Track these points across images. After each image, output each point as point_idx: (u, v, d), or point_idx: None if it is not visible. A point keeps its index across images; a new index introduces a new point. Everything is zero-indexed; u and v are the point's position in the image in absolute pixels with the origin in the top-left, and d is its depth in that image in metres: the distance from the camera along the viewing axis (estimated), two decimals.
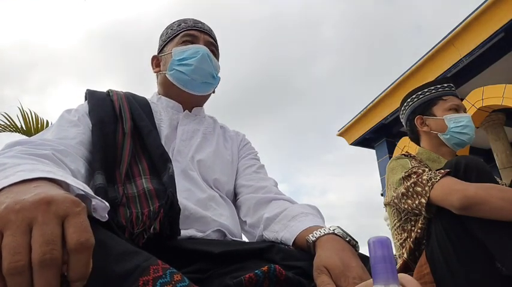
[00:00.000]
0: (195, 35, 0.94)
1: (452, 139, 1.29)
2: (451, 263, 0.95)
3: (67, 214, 0.35)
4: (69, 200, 0.36)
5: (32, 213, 0.34)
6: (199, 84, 0.90)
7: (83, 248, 0.34)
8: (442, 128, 1.30)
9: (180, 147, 0.83)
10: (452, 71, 4.64)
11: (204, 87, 0.92)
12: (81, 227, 0.35)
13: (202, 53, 0.89)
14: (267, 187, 0.86)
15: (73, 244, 0.33)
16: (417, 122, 1.36)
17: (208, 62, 0.90)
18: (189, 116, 0.92)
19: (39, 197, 0.35)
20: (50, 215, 0.34)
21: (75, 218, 0.35)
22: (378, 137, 6.23)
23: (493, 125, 4.92)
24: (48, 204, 0.35)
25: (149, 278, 0.40)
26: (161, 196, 0.64)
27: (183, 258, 0.59)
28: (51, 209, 0.35)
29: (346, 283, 0.51)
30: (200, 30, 0.96)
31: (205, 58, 0.89)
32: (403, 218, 1.20)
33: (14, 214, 0.34)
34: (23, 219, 0.34)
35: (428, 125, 1.34)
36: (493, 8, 3.99)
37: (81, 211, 0.36)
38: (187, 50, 0.90)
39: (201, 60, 0.88)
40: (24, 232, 0.33)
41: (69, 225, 0.35)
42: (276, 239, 0.72)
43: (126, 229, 0.60)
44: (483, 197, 0.92)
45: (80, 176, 0.66)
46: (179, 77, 0.90)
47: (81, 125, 0.75)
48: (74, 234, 0.34)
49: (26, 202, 0.35)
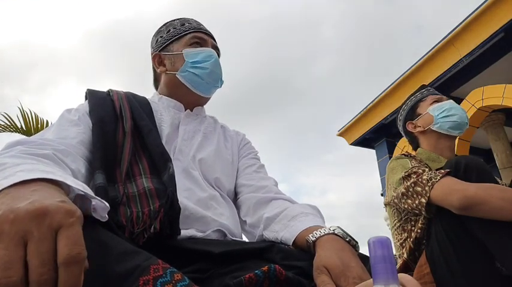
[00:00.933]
0: (203, 38, 0.95)
1: (444, 125, 1.30)
2: (451, 263, 0.95)
3: (61, 225, 0.35)
4: (63, 210, 0.36)
5: (26, 225, 0.34)
6: (210, 87, 0.93)
7: (73, 262, 0.33)
8: (431, 120, 1.33)
9: (182, 146, 0.83)
10: (452, 71, 4.64)
11: (212, 90, 0.94)
12: (72, 240, 0.34)
13: (216, 57, 0.92)
14: (267, 187, 0.86)
15: (63, 258, 0.33)
16: (409, 127, 1.41)
17: (218, 65, 0.93)
18: (190, 115, 0.92)
19: (33, 207, 0.35)
20: (44, 229, 0.34)
21: (68, 230, 0.35)
22: (378, 137, 6.23)
23: (493, 125, 4.92)
24: (42, 216, 0.34)
25: (149, 278, 0.40)
26: (161, 195, 0.64)
27: (183, 258, 0.59)
28: (45, 222, 0.34)
29: (346, 283, 0.51)
30: (206, 33, 0.97)
31: (217, 63, 0.93)
32: (403, 218, 1.20)
33: (8, 225, 0.33)
34: (16, 232, 0.33)
35: (420, 125, 1.37)
36: (493, 8, 3.99)
37: (74, 222, 0.36)
38: (200, 53, 0.91)
39: (214, 64, 0.91)
40: (17, 245, 0.33)
41: (61, 237, 0.34)
42: (276, 239, 0.72)
43: (127, 228, 0.60)
44: (483, 197, 0.92)
45: (81, 175, 0.66)
46: (192, 79, 0.90)
47: (82, 125, 0.75)
48: (65, 247, 0.33)
49: (20, 211, 0.34)
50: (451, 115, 1.30)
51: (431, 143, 1.34)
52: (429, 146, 1.34)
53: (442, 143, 1.32)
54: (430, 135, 1.34)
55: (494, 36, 4.09)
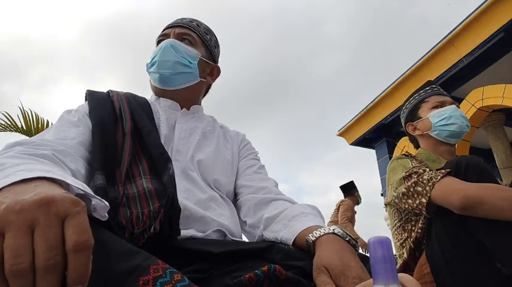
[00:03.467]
0: (165, 33, 0.95)
1: (441, 133, 1.30)
2: (451, 263, 0.95)
3: (67, 213, 0.35)
4: (69, 200, 0.36)
5: (33, 214, 0.34)
6: (170, 77, 0.89)
7: (82, 249, 0.33)
8: (429, 126, 1.33)
9: (179, 146, 0.83)
10: (452, 71, 4.64)
11: (179, 78, 0.90)
12: (80, 228, 0.34)
13: (164, 46, 0.89)
14: (268, 188, 0.86)
15: (72, 245, 0.33)
16: (409, 129, 1.41)
17: (171, 52, 0.88)
18: (186, 114, 0.92)
19: (39, 197, 0.35)
20: (51, 217, 0.34)
21: (74, 218, 0.35)
22: (378, 137, 6.23)
23: (493, 125, 4.92)
24: (48, 204, 0.35)
25: (149, 278, 0.40)
26: (161, 196, 0.64)
27: (183, 258, 0.59)
28: (52, 210, 0.34)
29: (345, 283, 0.51)
30: (172, 26, 0.96)
31: (167, 50, 0.88)
32: (403, 218, 1.20)
33: (15, 215, 0.34)
34: (24, 220, 0.33)
35: (419, 129, 1.37)
36: (493, 8, 3.99)
37: (80, 211, 0.36)
38: (155, 50, 0.92)
39: (162, 53, 0.88)
40: (25, 233, 0.33)
41: (68, 225, 0.34)
42: (276, 239, 0.72)
43: (126, 228, 0.60)
44: (484, 197, 0.92)
45: (80, 176, 0.66)
46: (153, 78, 0.92)
47: (81, 126, 0.75)
48: (73, 235, 0.34)
49: (26, 202, 0.35)
50: (450, 124, 1.29)
51: (430, 146, 1.34)
52: (428, 148, 1.35)
53: (441, 148, 1.32)
54: (429, 139, 1.35)
55: (494, 36, 4.09)
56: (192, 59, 0.91)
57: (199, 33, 0.96)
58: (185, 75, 0.90)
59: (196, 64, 0.92)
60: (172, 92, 0.91)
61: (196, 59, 0.92)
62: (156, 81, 0.91)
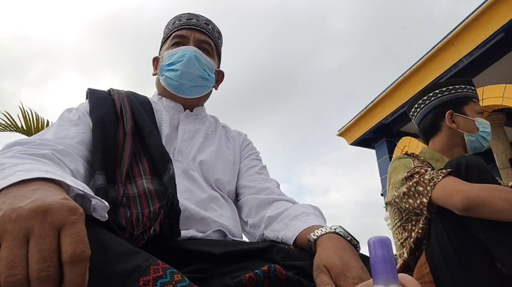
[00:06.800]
0: (184, 35, 0.91)
1: (475, 142, 1.26)
2: (451, 263, 0.94)
3: (63, 223, 0.35)
4: (66, 208, 0.36)
5: (28, 223, 0.34)
6: (189, 88, 0.89)
7: (78, 261, 0.33)
8: (471, 129, 1.26)
9: (181, 147, 0.83)
10: (452, 71, 4.64)
11: (196, 90, 0.90)
12: (76, 238, 0.34)
13: (189, 56, 0.87)
14: (270, 188, 0.86)
15: (68, 256, 0.33)
16: (447, 116, 1.29)
17: (195, 65, 0.87)
18: (190, 115, 0.92)
19: (35, 205, 0.35)
20: (46, 227, 0.34)
21: (71, 228, 0.35)
22: (378, 137, 6.23)
23: (493, 125, 4.89)
24: (44, 213, 0.34)
25: (149, 278, 0.40)
26: (161, 196, 0.64)
27: (184, 258, 0.59)
28: (47, 220, 0.34)
29: (345, 283, 0.51)
30: (191, 28, 0.93)
31: (191, 62, 0.87)
32: (404, 217, 1.20)
33: (11, 224, 0.33)
34: (19, 230, 0.33)
35: (456, 123, 1.28)
36: (493, 8, 3.99)
37: (77, 219, 0.36)
38: (174, 54, 0.88)
39: (187, 64, 0.86)
40: (20, 243, 0.33)
41: (64, 235, 0.34)
42: (277, 238, 0.72)
43: (126, 229, 0.60)
44: (485, 198, 0.91)
45: (79, 176, 0.66)
46: (169, 83, 0.89)
47: (82, 125, 0.75)
48: (69, 246, 0.33)
49: (23, 210, 0.34)
50: (486, 140, 1.26)
51: (448, 144, 1.29)
52: (443, 145, 1.29)
53: (455, 151, 1.29)
54: (455, 139, 1.28)
55: (494, 36, 4.09)
56: (211, 71, 0.92)
57: (214, 39, 0.96)
58: (202, 88, 0.91)
59: (213, 75, 0.93)
60: (184, 99, 0.91)
61: (213, 71, 0.93)
62: (171, 87, 0.89)
